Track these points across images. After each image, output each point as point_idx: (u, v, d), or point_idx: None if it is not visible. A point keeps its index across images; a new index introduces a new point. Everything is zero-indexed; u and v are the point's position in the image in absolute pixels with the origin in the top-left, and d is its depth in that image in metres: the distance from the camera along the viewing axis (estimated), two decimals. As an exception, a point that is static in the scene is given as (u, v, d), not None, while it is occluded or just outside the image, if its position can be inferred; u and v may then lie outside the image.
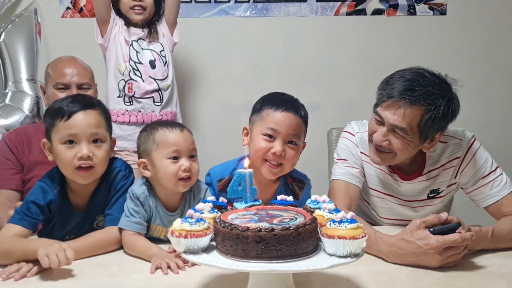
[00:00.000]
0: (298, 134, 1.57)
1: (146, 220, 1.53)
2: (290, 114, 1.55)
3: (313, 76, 2.88)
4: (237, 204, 1.21)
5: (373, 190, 1.77)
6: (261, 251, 0.97)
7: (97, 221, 1.60)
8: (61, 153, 1.45)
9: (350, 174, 1.69)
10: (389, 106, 1.51)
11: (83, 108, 1.47)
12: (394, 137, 1.53)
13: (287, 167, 1.58)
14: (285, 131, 1.53)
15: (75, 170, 1.45)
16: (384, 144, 1.54)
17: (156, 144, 1.48)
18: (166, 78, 2.38)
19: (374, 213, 1.84)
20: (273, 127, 1.54)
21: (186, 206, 1.57)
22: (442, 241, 1.30)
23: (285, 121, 1.54)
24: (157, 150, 1.48)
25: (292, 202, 1.24)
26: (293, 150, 1.56)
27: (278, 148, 1.52)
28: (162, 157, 1.47)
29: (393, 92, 1.49)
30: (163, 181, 1.48)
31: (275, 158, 1.54)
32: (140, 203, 1.51)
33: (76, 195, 1.55)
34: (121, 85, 2.31)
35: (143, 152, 1.52)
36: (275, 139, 1.54)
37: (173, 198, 1.56)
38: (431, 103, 1.47)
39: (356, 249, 1.01)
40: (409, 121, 1.48)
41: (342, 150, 1.75)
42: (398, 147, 1.53)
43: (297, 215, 1.09)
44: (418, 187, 1.71)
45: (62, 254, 1.28)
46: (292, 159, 1.57)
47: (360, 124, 1.78)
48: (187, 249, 1.04)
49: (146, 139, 1.52)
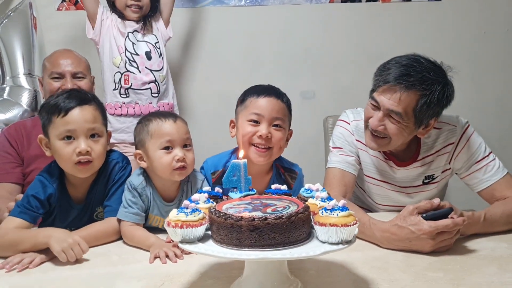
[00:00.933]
0: (281, 117, 1.62)
1: (144, 210, 1.55)
2: (272, 98, 1.61)
3: (309, 65, 2.88)
4: (232, 194, 1.23)
5: (368, 177, 1.79)
6: (255, 240, 0.99)
7: (97, 213, 1.63)
8: (60, 148, 1.48)
9: (345, 162, 1.72)
10: (385, 91, 1.53)
11: (79, 104, 1.49)
12: (389, 122, 1.55)
13: (275, 150, 1.62)
14: (268, 114, 1.59)
15: (74, 165, 1.48)
16: (379, 129, 1.56)
17: (150, 135, 1.51)
18: (162, 69, 2.40)
19: (369, 200, 1.86)
20: (257, 112, 1.60)
21: (183, 196, 1.59)
22: (434, 226, 1.33)
23: (268, 105, 1.60)
24: (151, 141, 1.51)
25: (286, 191, 1.26)
26: (279, 132, 1.61)
27: (263, 130, 1.58)
28: (155, 147, 1.50)
29: (389, 77, 1.51)
30: (159, 171, 1.51)
31: (262, 141, 1.59)
32: (138, 194, 1.54)
33: (74, 188, 1.58)
34: (117, 77, 2.32)
35: (139, 144, 1.55)
36: (260, 123, 1.60)
37: (170, 188, 1.58)
38: (426, 88, 1.49)
39: (348, 236, 1.04)
40: (405, 106, 1.50)
41: (337, 138, 1.77)
42: (394, 132, 1.55)
43: (291, 204, 1.11)
44: (413, 173, 1.74)
45: (77, 248, 1.35)
46: (278, 142, 1.61)
47: (355, 112, 1.80)
48: (183, 239, 1.06)
49: (141, 130, 1.54)
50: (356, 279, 1.23)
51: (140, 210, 1.54)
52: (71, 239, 1.36)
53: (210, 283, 1.22)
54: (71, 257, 1.34)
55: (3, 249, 1.40)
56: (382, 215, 1.67)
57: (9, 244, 1.39)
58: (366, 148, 1.73)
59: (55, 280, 1.27)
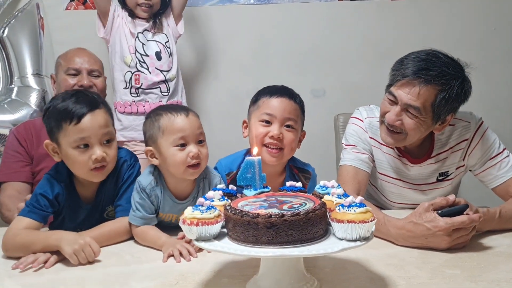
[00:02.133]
0: (294, 118, 1.60)
1: (153, 211, 1.53)
2: (285, 99, 1.60)
3: (319, 62, 2.87)
4: (247, 191, 1.21)
5: (382, 175, 1.77)
6: (271, 237, 0.98)
7: (107, 212, 1.62)
8: (74, 156, 1.44)
9: (359, 160, 1.70)
10: (404, 85, 1.52)
11: (91, 109, 1.44)
12: (407, 116, 1.53)
13: (286, 151, 1.61)
14: (280, 115, 1.58)
15: (90, 171, 1.46)
16: (396, 124, 1.54)
17: (162, 131, 1.45)
18: (171, 69, 2.40)
19: (383, 198, 1.84)
20: (269, 112, 1.59)
21: (199, 194, 1.56)
22: (450, 222, 1.31)
23: (280, 106, 1.59)
24: (163, 138, 1.45)
25: (301, 188, 1.25)
26: (291, 133, 1.60)
27: (275, 131, 1.57)
28: (168, 144, 1.45)
29: (408, 71, 1.50)
30: (172, 169, 1.47)
31: (274, 141, 1.57)
32: (146, 195, 1.50)
33: (83, 187, 1.56)
34: (128, 76, 2.33)
35: (149, 140, 1.51)
36: (272, 124, 1.58)
37: (183, 185, 1.55)
38: (445, 83, 1.47)
39: (366, 232, 1.02)
40: (423, 101, 1.49)
41: (350, 135, 1.75)
42: (411, 127, 1.53)
43: (307, 201, 1.10)
44: (427, 170, 1.72)
45: (88, 249, 1.33)
46: (290, 143, 1.60)
47: (368, 110, 1.79)
48: (199, 236, 1.05)
49: (151, 125, 1.49)
50: (373, 276, 1.22)
51: (148, 213, 1.51)
52: (82, 240, 1.34)
53: (225, 281, 1.20)
54: (83, 259, 1.33)
55: (15, 250, 1.39)
56: (396, 213, 1.65)
57: (20, 245, 1.38)
58: (380, 145, 1.72)
59: (68, 281, 1.26)
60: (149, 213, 1.52)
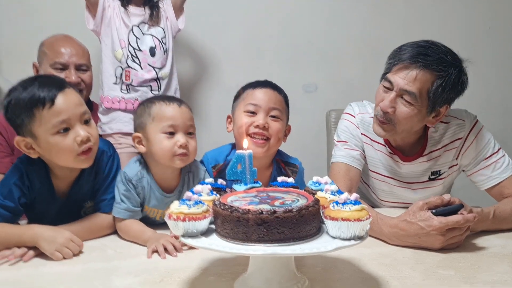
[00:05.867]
0: (279, 108, 1.61)
1: (139, 204, 1.48)
2: (269, 90, 1.62)
3: (312, 57, 2.81)
4: (237, 186, 1.16)
5: (373, 173, 1.74)
6: (262, 234, 0.94)
7: (85, 209, 1.53)
8: (57, 143, 1.31)
9: (350, 157, 1.67)
10: (401, 69, 1.49)
11: (61, 89, 1.32)
12: (401, 104, 1.50)
13: (273, 141, 1.59)
14: (265, 104, 1.59)
15: (77, 157, 1.35)
16: (389, 111, 1.51)
17: (152, 118, 1.44)
18: (165, 66, 2.26)
19: (374, 196, 1.82)
20: (254, 102, 1.59)
21: (184, 187, 1.52)
22: (444, 222, 1.28)
23: (265, 96, 1.60)
24: (152, 124, 1.44)
25: (293, 184, 1.21)
26: (277, 123, 1.60)
27: (261, 120, 1.56)
28: (157, 130, 1.43)
29: (405, 56, 1.47)
30: (158, 156, 1.44)
31: (259, 130, 1.56)
32: (132, 186, 1.46)
33: (59, 179, 1.45)
34: (118, 72, 2.20)
35: (138, 126, 1.48)
36: (257, 114, 1.58)
37: (170, 177, 1.51)
38: (443, 70, 1.45)
39: (360, 231, 0.98)
40: (420, 86, 1.46)
41: (342, 131, 1.72)
42: (403, 115, 1.50)
43: (299, 197, 1.05)
44: (419, 168, 1.69)
45: (72, 245, 1.29)
46: (277, 133, 1.59)
47: (360, 105, 1.75)
48: (186, 232, 1.00)
49: (142, 112, 1.47)
50: (365, 276, 1.18)
51: (134, 205, 1.46)
52: (62, 237, 1.28)
53: (212, 279, 1.16)
54: (68, 255, 1.28)
55: None
56: (386, 211, 1.60)
57: None
58: (372, 142, 1.69)
59: (47, 276, 1.20)
60: (135, 205, 1.47)
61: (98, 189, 1.51)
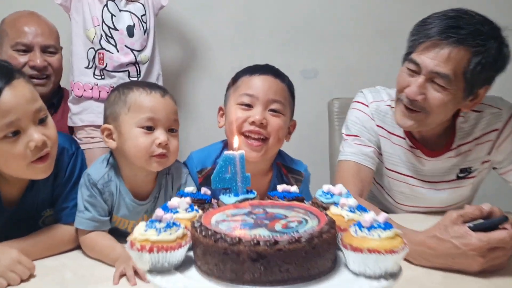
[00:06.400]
0: (281, 100, 1.32)
1: (106, 213, 1.24)
2: (269, 77, 1.33)
3: (311, 39, 2.58)
4: (225, 197, 0.92)
5: (390, 171, 1.52)
6: (259, 273, 0.68)
7: (43, 218, 1.28)
8: (5, 151, 1.07)
9: (362, 154, 1.45)
10: (428, 49, 1.27)
11: (7, 82, 1.06)
12: (432, 89, 1.29)
13: (272, 142, 1.31)
14: (264, 95, 1.30)
15: (30, 164, 1.10)
16: (419, 99, 1.29)
17: (128, 107, 1.19)
18: (145, 48, 2.01)
19: (389, 199, 1.59)
20: (250, 93, 1.31)
21: (161, 192, 1.28)
22: (486, 240, 1.04)
23: (264, 84, 1.32)
24: (127, 115, 1.19)
25: (298, 194, 0.95)
26: (278, 118, 1.31)
27: (257, 115, 1.28)
28: (132, 123, 1.18)
29: (433, 31, 1.26)
30: (131, 155, 1.19)
31: (255, 128, 1.29)
32: (97, 191, 1.21)
33: (8, 184, 1.20)
34: (90, 54, 1.94)
35: (110, 116, 1.23)
36: (253, 107, 1.30)
37: (144, 181, 1.26)
38: (480, 44, 1.24)
39: (393, 266, 0.72)
40: (454, 67, 1.25)
41: (353, 124, 1.50)
42: (437, 102, 1.29)
43: (307, 216, 0.80)
44: (446, 164, 1.47)
45: (19, 267, 1.06)
46: (277, 131, 1.31)
47: (374, 92, 1.53)
48: (154, 267, 0.74)
49: (116, 100, 1.22)
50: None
51: (100, 214, 1.22)
52: (6, 258, 1.05)
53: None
54: (15, 281, 1.04)
55: None
56: (404, 217, 1.44)
57: None
58: (389, 135, 1.48)
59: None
60: (101, 214, 1.23)
61: (59, 195, 1.27)
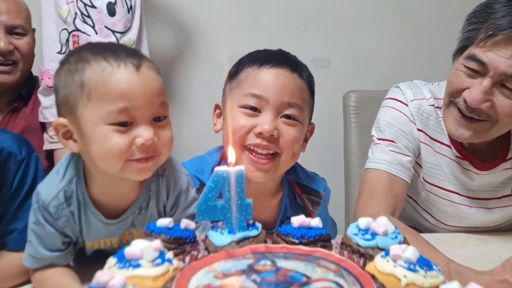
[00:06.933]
0: (298, 104, 1.04)
1: (59, 246, 0.93)
2: (284, 71, 1.04)
3: (323, 24, 2.38)
4: (215, 234, 0.66)
5: (429, 185, 1.28)
6: None
7: None
8: None
9: (398, 164, 1.20)
10: (498, 44, 1.04)
11: None
12: (501, 95, 1.06)
13: (284, 159, 1.03)
14: (276, 97, 1.01)
15: None
16: (484, 107, 1.07)
17: (87, 93, 0.82)
18: (129, 30, 1.79)
19: (427, 216, 1.35)
20: (257, 93, 1.02)
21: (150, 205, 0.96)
22: None
23: (277, 82, 1.03)
24: (88, 106, 0.82)
25: (322, 232, 0.67)
26: (293, 129, 1.02)
27: (266, 125, 0.99)
28: (98, 119, 0.82)
29: (504, 22, 1.02)
30: (101, 163, 0.86)
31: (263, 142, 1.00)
32: (49, 217, 0.90)
33: None
34: (64, 36, 1.72)
35: (63, 105, 0.86)
36: (262, 112, 1.02)
37: (124, 191, 0.94)
38: None
39: None
40: None
41: (388, 126, 1.26)
42: (507, 111, 1.06)
43: (342, 279, 0.52)
44: (499, 178, 1.25)
45: None
46: (291, 145, 1.03)
47: (413, 87, 1.29)
48: None
49: (68, 80, 0.84)
50: None
51: (49, 248, 0.92)
52: None
53: None
54: None
55: None
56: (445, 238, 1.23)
57: None
58: (431, 141, 1.24)
59: None
60: (50, 248, 0.92)
61: (3, 214, 1.00)
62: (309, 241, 0.64)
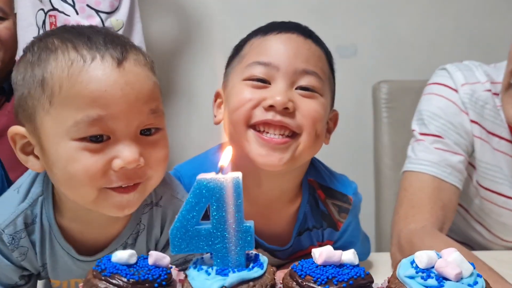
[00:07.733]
0: (316, 72, 0.85)
1: (12, 281, 0.77)
2: (295, 35, 0.89)
3: (348, 6, 2.27)
4: (197, 275, 0.48)
5: (484, 190, 1.11)
6: None
7: None
8: None
9: (446, 165, 1.04)
10: None
11: None
12: None
13: (305, 139, 0.82)
14: (288, 64, 0.84)
15: None
16: None
17: (48, 95, 0.64)
18: (117, 10, 1.67)
19: (480, 229, 1.20)
20: (264, 60, 0.84)
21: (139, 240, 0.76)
22: None
23: (288, 46, 0.87)
24: (49, 112, 0.64)
25: (360, 272, 0.46)
26: (312, 101, 0.82)
27: (278, 96, 0.80)
28: (62, 132, 0.64)
29: None
30: (67, 191, 0.69)
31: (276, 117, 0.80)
32: (2, 245, 0.74)
33: None
34: (40, 18, 1.64)
35: (20, 109, 0.70)
36: (271, 83, 0.83)
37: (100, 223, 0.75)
38: None
39: None
40: None
41: (432, 117, 1.10)
42: None
43: None
44: None
45: None
46: (312, 122, 0.82)
47: (465, 70, 1.12)
48: None
49: (28, 73, 0.68)
50: None
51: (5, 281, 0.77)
52: None
53: None
54: None
55: None
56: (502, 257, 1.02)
57: None
58: (488, 135, 1.07)
59: None
60: (5, 284, 0.78)
61: None
62: (339, 287, 0.43)
